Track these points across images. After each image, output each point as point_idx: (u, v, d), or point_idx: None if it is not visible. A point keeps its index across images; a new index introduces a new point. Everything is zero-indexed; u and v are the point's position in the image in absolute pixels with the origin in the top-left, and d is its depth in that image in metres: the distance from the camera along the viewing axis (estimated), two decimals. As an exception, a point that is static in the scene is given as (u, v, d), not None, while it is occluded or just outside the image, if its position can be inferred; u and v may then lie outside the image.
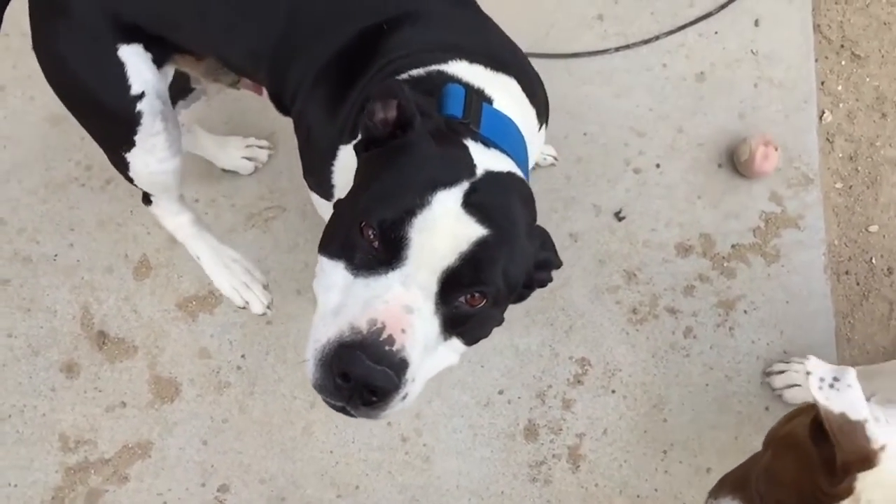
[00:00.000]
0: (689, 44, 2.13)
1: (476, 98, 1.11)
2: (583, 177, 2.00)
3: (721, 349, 1.87)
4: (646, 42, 2.13)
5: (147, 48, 1.32)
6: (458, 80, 1.14)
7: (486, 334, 1.03)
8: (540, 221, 1.06)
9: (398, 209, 0.92)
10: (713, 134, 2.04)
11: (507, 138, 1.11)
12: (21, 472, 1.74)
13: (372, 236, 0.93)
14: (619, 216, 1.96)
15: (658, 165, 2.01)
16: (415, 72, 1.15)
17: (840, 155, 2.07)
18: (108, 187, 1.95)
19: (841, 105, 2.12)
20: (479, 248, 0.93)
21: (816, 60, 2.14)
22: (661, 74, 2.10)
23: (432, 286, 0.93)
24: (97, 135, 1.46)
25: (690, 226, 1.96)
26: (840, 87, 2.13)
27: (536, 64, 2.11)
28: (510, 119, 1.14)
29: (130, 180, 1.50)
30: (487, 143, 1.06)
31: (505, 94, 1.18)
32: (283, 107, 1.36)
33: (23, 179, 1.97)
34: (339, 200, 1.05)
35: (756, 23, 2.15)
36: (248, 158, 1.96)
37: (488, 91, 1.15)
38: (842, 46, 2.17)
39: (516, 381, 1.84)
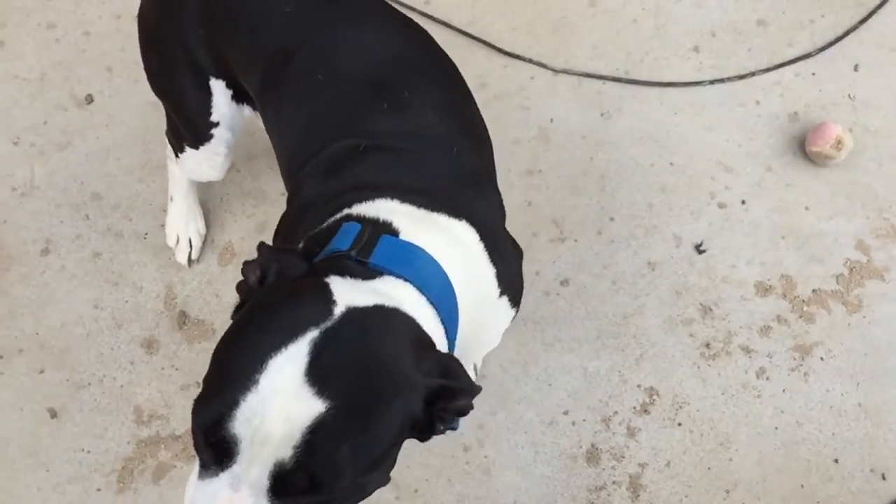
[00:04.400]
0: (784, 83, 2.12)
1: (373, 229, 1.04)
2: (666, 206, 2.00)
3: (794, 394, 1.84)
4: (741, 77, 2.12)
5: (229, 85, 1.45)
6: (361, 219, 1.07)
7: None
8: (618, 248, 0.97)
9: (220, 406, 0.82)
10: (803, 176, 2.02)
11: (408, 266, 1.02)
12: (95, 439, 1.80)
13: (201, 438, 0.84)
14: (699, 249, 1.95)
15: (744, 202, 2.00)
16: (331, 219, 1.11)
17: (932, 209, 2.03)
18: (202, 173, 2.02)
19: (937, 158, 2.07)
20: (315, 435, 0.80)
21: (915, 111, 2.10)
22: (754, 111, 2.09)
23: (263, 482, 0.81)
24: (174, 121, 1.60)
25: (772, 266, 1.94)
26: (937, 140, 2.09)
27: (629, 90, 2.13)
28: (416, 247, 1.04)
29: (176, 156, 1.70)
30: (370, 273, 0.99)
31: (430, 231, 1.08)
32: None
33: (121, 157, 2.04)
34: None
35: (856, 68, 2.12)
36: None
37: (397, 223, 1.06)
38: (942, 99, 2.13)
39: (582, 404, 1.84)
